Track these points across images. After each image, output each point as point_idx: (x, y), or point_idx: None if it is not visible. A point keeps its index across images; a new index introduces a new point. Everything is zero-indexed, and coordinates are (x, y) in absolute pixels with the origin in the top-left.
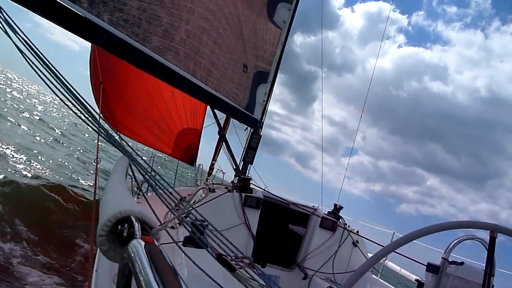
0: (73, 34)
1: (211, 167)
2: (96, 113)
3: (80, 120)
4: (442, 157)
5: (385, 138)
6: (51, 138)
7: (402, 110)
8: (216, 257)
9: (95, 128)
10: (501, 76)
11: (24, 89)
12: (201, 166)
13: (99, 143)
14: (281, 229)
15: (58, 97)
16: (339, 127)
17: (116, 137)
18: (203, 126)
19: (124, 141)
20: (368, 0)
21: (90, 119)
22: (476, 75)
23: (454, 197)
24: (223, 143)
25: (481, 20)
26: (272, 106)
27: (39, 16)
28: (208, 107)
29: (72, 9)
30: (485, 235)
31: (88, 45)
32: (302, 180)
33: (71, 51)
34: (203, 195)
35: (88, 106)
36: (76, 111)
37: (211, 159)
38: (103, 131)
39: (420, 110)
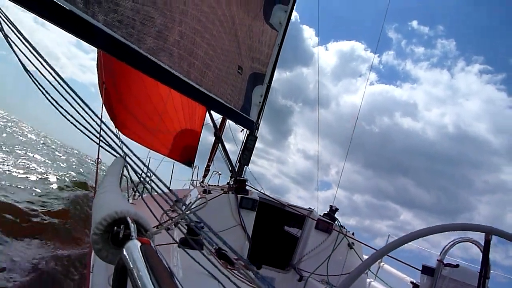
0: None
1: (207, 169)
2: (98, 117)
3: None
4: (413, 192)
5: (359, 172)
6: None
7: (374, 144)
8: (215, 251)
9: (95, 134)
10: (466, 113)
11: None
12: (197, 168)
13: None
14: (277, 230)
15: (64, 97)
16: (314, 161)
17: (116, 141)
18: (202, 128)
19: (123, 142)
20: (341, 39)
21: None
22: (443, 112)
23: None
24: (219, 145)
25: (447, 60)
26: None
27: None
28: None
29: (69, 9)
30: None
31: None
32: None
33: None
34: (199, 196)
35: (90, 113)
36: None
37: (207, 161)
38: (104, 134)
39: (391, 144)
